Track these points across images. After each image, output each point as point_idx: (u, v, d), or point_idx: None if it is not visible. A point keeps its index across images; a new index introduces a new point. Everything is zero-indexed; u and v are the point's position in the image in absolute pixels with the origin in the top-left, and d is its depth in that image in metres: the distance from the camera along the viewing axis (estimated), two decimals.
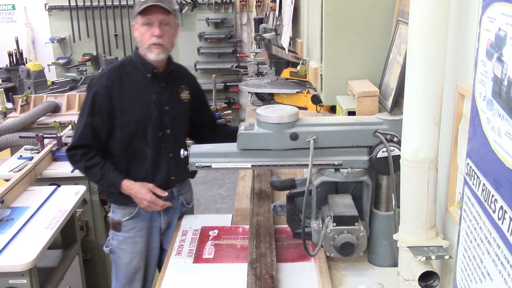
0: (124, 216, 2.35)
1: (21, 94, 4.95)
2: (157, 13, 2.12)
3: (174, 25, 2.22)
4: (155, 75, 2.24)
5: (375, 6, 2.16)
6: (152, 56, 2.17)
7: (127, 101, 2.20)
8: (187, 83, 2.40)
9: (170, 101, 2.28)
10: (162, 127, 2.26)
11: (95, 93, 2.19)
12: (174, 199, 2.40)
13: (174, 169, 2.31)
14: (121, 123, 2.20)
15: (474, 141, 1.07)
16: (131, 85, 2.22)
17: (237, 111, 8.06)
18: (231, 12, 7.78)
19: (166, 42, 2.17)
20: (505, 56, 0.90)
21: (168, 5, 2.14)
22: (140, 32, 2.18)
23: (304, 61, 3.09)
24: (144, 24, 2.14)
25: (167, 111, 2.26)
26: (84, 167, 2.26)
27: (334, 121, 1.82)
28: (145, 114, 2.22)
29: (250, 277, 1.71)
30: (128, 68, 2.25)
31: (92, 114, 2.19)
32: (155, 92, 2.24)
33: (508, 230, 0.88)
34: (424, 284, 1.40)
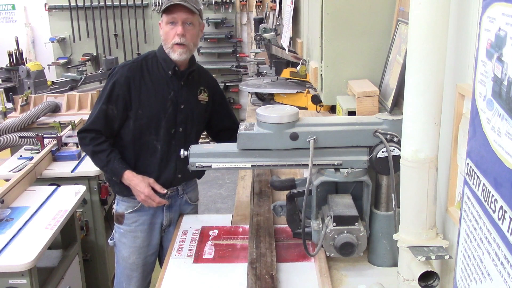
0: (127, 208, 2.38)
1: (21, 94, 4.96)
2: (180, 12, 2.15)
3: (198, 25, 2.26)
4: (175, 72, 2.28)
5: (375, 6, 2.16)
6: (174, 56, 2.21)
7: (145, 93, 2.24)
8: (208, 86, 2.43)
9: (187, 100, 2.31)
10: (175, 124, 2.29)
11: (115, 82, 2.23)
12: (178, 197, 2.43)
13: (182, 167, 2.32)
14: (136, 114, 2.24)
15: (474, 141, 1.07)
16: (151, 79, 2.26)
17: (237, 111, 8.05)
18: (231, 12, 7.77)
19: (188, 42, 2.20)
20: (505, 56, 0.90)
21: (192, 4, 2.17)
22: (164, 31, 2.22)
23: (304, 61, 3.09)
24: (168, 23, 2.19)
25: (182, 109, 2.30)
26: (91, 151, 2.28)
27: (334, 121, 1.82)
28: (160, 109, 2.26)
29: (250, 277, 1.71)
30: (151, 63, 2.30)
31: (108, 101, 2.23)
32: (173, 89, 2.28)
33: (508, 230, 0.88)
34: (424, 284, 1.40)
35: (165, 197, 2.30)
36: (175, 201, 2.44)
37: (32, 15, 8.00)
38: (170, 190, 2.38)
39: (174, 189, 2.41)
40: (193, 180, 2.55)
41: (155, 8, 7.57)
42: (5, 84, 6.72)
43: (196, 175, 2.51)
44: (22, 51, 7.11)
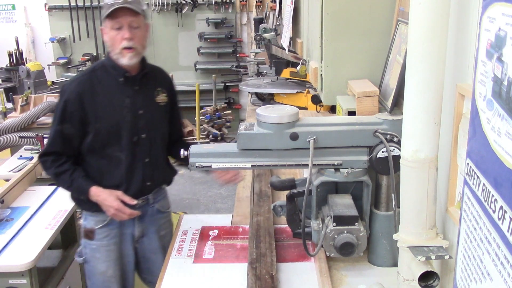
0: (97, 223, 2.27)
1: (21, 94, 4.96)
2: (125, 16, 2.06)
3: (144, 27, 2.16)
4: (127, 79, 2.18)
5: (375, 6, 2.16)
6: (124, 61, 2.11)
7: (99, 106, 2.15)
8: (164, 86, 2.34)
9: (145, 105, 2.22)
10: (137, 131, 2.20)
11: (66, 100, 2.14)
12: (149, 207, 2.33)
13: (149, 175, 2.25)
14: (94, 128, 2.15)
15: (474, 141, 1.07)
16: (103, 90, 2.17)
17: (237, 111, 8.06)
18: (231, 12, 7.77)
19: (137, 45, 2.11)
20: (505, 56, 0.90)
21: (136, 6, 2.08)
22: (110, 37, 2.11)
23: (304, 61, 3.09)
24: (113, 28, 2.08)
25: (141, 115, 2.20)
26: (54, 174, 2.20)
27: (334, 121, 1.82)
28: (118, 118, 2.16)
29: (250, 277, 1.71)
30: (100, 73, 2.20)
31: (62, 121, 2.14)
32: (128, 96, 2.18)
33: (508, 230, 0.88)
34: (424, 284, 1.40)
35: (136, 207, 2.22)
36: (146, 211, 2.32)
37: (32, 15, 8.00)
38: (141, 200, 2.27)
39: (144, 199, 2.29)
40: (162, 188, 2.43)
41: (155, 8, 7.57)
42: (5, 84, 6.72)
43: (165, 181, 2.41)
44: (22, 51, 7.12)
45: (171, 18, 7.70)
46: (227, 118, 7.39)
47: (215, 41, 7.79)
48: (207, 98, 7.49)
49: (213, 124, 7.21)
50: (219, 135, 7.10)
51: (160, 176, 2.33)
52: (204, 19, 7.68)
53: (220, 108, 7.39)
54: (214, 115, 7.23)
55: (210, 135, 7.05)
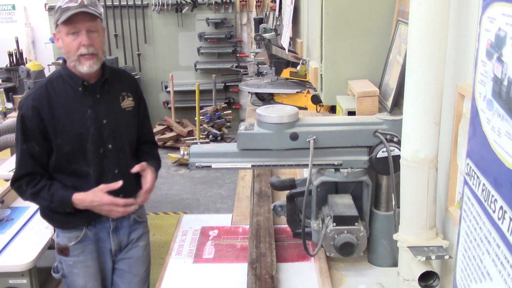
0: (70, 240, 2.15)
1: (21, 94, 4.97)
2: (83, 21, 1.91)
3: (102, 31, 2.03)
4: (86, 87, 2.04)
5: (375, 6, 2.16)
6: (84, 69, 1.96)
7: (58, 120, 2.00)
8: (130, 89, 2.19)
9: (109, 113, 2.08)
10: (103, 142, 2.07)
11: (23, 116, 1.99)
12: (125, 218, 2.21)
13: (121, 186, 2.08)
14: (56, 144, 2.01)
15: (474, 141, 1.07)
16: (61, 102, 2.02)
17: (237, 111, 8.06)
18: (231, 12, 7.78)
19: (97, 51, 1.97)
20: (505, 56, 0.90)
21: (94, 10, 1.93)
22: (65, 43, 1.95)
23: (304, 61, 3.09)
24: (69, 34, 1.93)
25: (105, 125, 2.07)
26: (31, 194, 2.05)
27: (334, 121, 1.82)
28: (80, 131, 2.03)
29: (250, 277, 1.71)
30: (57, 84, 2.04)
31: (25, 139, 2.00)
32: (89, 106, 2.04)
33: (508, 230, 0.88)
34: (424, 284, 1.40)
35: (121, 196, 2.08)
36: (121, 222, 2.21)
37: (32, 15, 8.00)
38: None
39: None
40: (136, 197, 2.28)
41: (155, 8, 7.57)
42: (5, 84, 6.73)
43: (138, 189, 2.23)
44: (22, 51, 7.13)
45: (171, 18, 7.70)
46: (227, 118, 7.40)
47: (215, 41, 7.79)
48: (207, 98, 7.49)
49: (213, 124, 7.21)
50: (219, 135, 7.10)
51: (133, 186, 2.16)
52: (204, 19, 7.69)
53: (220, 108, 7.40)
54: (214, 115, 7.23)
55: (210, 135, 7.05)
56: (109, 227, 2.18)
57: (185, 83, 7.82)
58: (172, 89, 7.35)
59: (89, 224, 2.14)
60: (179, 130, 7.16)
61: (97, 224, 2.16)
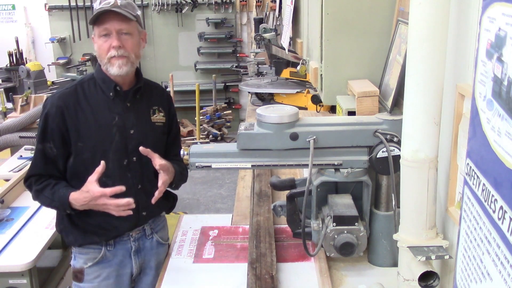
0: (86, 262, 1.98)
1: (21, 94, 4.96)
2: (113, 21, 1.82)
3: (138, 34, 1.91)
4: (118, 93, 1.93)
5: (375, 6, 2.16)
6: (114, 70, 1.85)
7: (83, 123, 1.89)
8: (162, 105, 2.06)
9: (137, 124, 1.95)
10: (127, 154, 1.93)
11: (47, 114, 1.90)
12: (147, 238, 2.07)
13: (145, 203, 1.95)
14: (76, 148, 1.89)
15: (474, 141, 1.07)
16: (89, 104, 1.91)
17: (237, 111, 8.06)
18: (231, 12, 7.77)
19: (128, 53, 1.86)
20: (505, 56, 0.90)
21: (126, 10, 1.82)
22: (97, 45, 1.87)
23: (304, 61, 3.09)
24: (101, 36, 1.85)
25: (132, 135, 1.94)
26: (35, 192, 1.92)
27: (334, 121, 1.82)
28: (104, 138, 1.90)
29: (250, 277, 1.71)
30: (88, 86, 1.94)
31: (43, 139, 1.91)
32: (117, 113, 1.92)
33: (508, 230, 0.88)
34: (424, 284, 1.40)
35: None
36: (143, 243, 2.06)
37: (32, 15, 8.00)
38: (136, 231, 2.03)
39: (140, 230, 2.04)
40: (161, 216, 2.16)
41: (155, 8, 7.57)
42: (5, 84, 6.73)
43: (163, 209, 2.12)
44: (22, 51, 7.12)
45: (171, 18, 7.70)
46: (227, 118, 7.40)
47: (215, 41, 7.79)
48: (207, 98, 7.49)
49: (213, 124, 7.21)
50: (219, 135, 7.10)
51: (157, 205, 1.97)
52: (204, 19, 7.69)
53: (220, 108, 7.40)
54: (214, 115, 7.23)
55: (210, 135, 7.05)
56: (131, 248, 2.02)
57: (185, 83, 7.82)
58: (172, 89, 7.35)
59: (108, 242, 1.98)
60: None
61: (117, 244, 2.00)
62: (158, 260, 2.10)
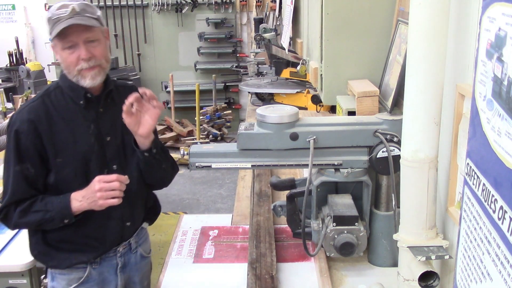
0: (69, 283, 1.85)
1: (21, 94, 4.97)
2: (78, 32, 1.68)
3: (103, 37, 1.79)
4: (89, 100, 1.80)
5: (375, 6, 2.16)
6: (87, 83, 1.74)
7: (58, 136, 1.76)
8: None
9: (112, 130, 1.85)
10: (106, 162, 1.83)
11: (17, 132, 1.72)
12: (132, 253, 1.98)
13: (128, 213, 1.89)
14: (55, 165, 1.75)
15: (474, 141, 1.07)
16: (61, 116, 1.78)
17: (237, 111, 8.06)
18: (231, 12, 7.78)
19: (100, 61, 1.74)
20: (505, 56, 0.90)
21: (88, 16, 1.69)
22: (62, 58, 1.73)
23: (304, 61, 3.10)
24: (65, 48, 1.70)
25: (109, 143, 1.83)
26: (19, 213, 1.74)
27: (334, 121, 1.82)
28: (84, 149, 1.78)
29: (250, 277, 1.71)
30: (55, 96, 1.80)
31: (19, 160, 1.73)
32: (92, 121, 1.81)
33: (508, 230, 0.88)
34: (424, 284, 1.40)
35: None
36: (128, 258, 1.97)
37: (32, 15, 8.01)
38: (122, 246, 1.93)
39: (125, 245, 1.94)
40: (143, 228, 2.07)
41: (155, 8, 7.57)
42: (5, 84, 6.73)
43: (147, 218, 2.05)
44: (22, 51, 7.13)
45: (171, 18, 7.70)
46: (227, 118, 7.40)
47: (215, 41, 7.80)
48: (207, 98, 7.49)
49: (213, 124, 7.21)
50: (219, 135, 7.10)
51: (142, 214, 1.97)
52: (204, 19, 7.69)
53: (220, 108, 7.40)
54: (214, 115, 7.24)
55: (210, 135, 7.05)
56: (117, 264, 1.93)
57: (185, 83, 7.83)
58: (172, 89, 7.36)
59: (95, 260, 1.88)
60: (179, 130, 7.17)
61: (103, 261, 1.90)
62: (142, 274, 2.04)
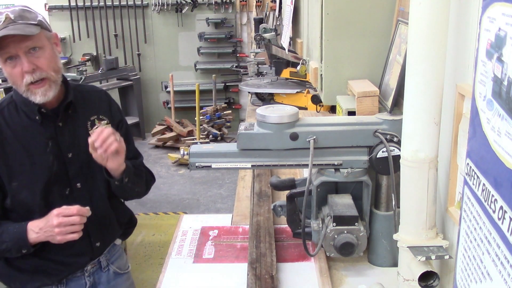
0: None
1: None
2: (15, 42, 1.52)
3: (49, 42, 1.64)
4: (45, 115, 1.67)
5: (375, 6, 2.16)
6: (38, 99, 1.60)
7: (13, 158, 1.63)
8: (102, 111, 1.82)
9: (74, 144, 1.71)
10: (69, 181, 1.71)
11: None
12: (103, 271, 1.90)
13: (97, 233, 1.79)
14: (11, 189, 1.63)
15: (474, 141, 1.07)
16: (15, 134, 1.65)
17: (237, 111, 8.06)
18: (231, 12, 7.78)
19: (46, 73, 1.60)
20: (505, 56, 0.90)
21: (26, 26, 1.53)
22: (7, 72, 1.58)
23: (304, 61, 3.09)
24: (6, 61, 1.56)
25: (71, 159, 1.70)
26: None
27: (334, 121, 1.82)
28: (41, 171, 1.66)
29: (250, 277, 1.71)
30: (8, 113, 1.67)
31: None
32: (49, 137, 1.67)
33: (508, 230, 0.88)
34: (424, 284, 1.40)
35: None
36: (99, 277, 1.89)
37: None
38: (91, 265, 1.85)
39: (95, 262, 1.86)
40: (116, 245, 1.97)
41: (155, 8, 7.57)
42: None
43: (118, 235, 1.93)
44: None
45: (171, 18, 7.70)
46: (227, 118, 7.40)
47: (215, 41, 7.80)
48: (207, 98, 7.50)
49: (213, 124, 7.22)
50: (219, 135, 7.11)
51: (112, 232, 1.88)
52: (204, 19, 7.69)
53: (220, 108, 7.40)
54: (214, 115, 7.24)
55: (210, 135, 7.06)
56: (85, 284, 1.84)
57: (185, 83, 7.83)
58: (172, 89, 7.36)
59: (60, 282, 1.79)
60: (179, 130, 7.17)
61: (70, 281, 1.81)
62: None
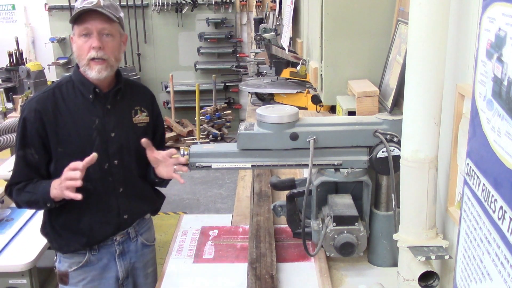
0: (71, 265, 1.99)
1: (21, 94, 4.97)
2: (95, 21, 1.77)
3: (119, 37, 1.88)
4: (98, 95, 1.90)
5: (375, 6, 2.16)
6: (92, 74, 1.82)
7: (62, 127, 1.85)
8: (145, 104, 2.04)
9: (118, 126, 1.93)
10: (108, 157, 1.91)
11: (25, 120, 1.84)
12: (131, 241, 2.08)
13: (126, 206, 1.98)
14: (56, 153, 1.86)
15: (474, 141, 1.07)
16: (68, 108, 1.87)
17: (237, 111, 8.06)
18: (231, 12, 7.78)
19: (108, 56, 1.82)
20: (505, 56, 0.90)
21: (109, 11, 1.79)
22: (77, 45, 1.82)
23: (304, 61, 3.09)
24: (81, 35, 1.80)
25: (113, 138, 1.92)
26: (16, 190, 1.88)
27: (334, 121, 1.82)
28: (84, 142, 1.87)
29: (250, 277, 1.71)
30: (66, 89, 1.90)
31: (24, 145, 1.85)
32: (97, 116, 1.90)
33: (508, 230, 0.88)
34: (424, 284, 1.40)
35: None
36: (128, 246, 2.07)
37: (32, 15, 8.00)
38: (120, 235, 2.03)
39: (124, 233, 2.04)
40: (145, 218, 2.15)
41: (155, 8, 7.57)
42: (5, 84, 6.73)
43: (147, 211, 2.13)
44: (22, 51, 7.12)
45: (171, 18, 7.70)
46: (227, 118, 7.40)
47: (215, 41, 7.80)
48: (207, 98, 7.50)
49: (213, 124, 7.22)
50: (219, 135, 7.10)
51: (140, 207, 2.06)
52: (204, 19, 7.69)
53: (220, 108, 7.40)
54: (214, 115, 7.24)
55: (210, 135, 7.06)
56: (115, 251, 2.04)
57: (185, 83, 7.83)
58: (172, 89, 7.36)
59: (92, 248, 2.00)
60: (179, 130, 7.17)
61: (101, 248, 2.01)
62: (145, 262, 2.14)
